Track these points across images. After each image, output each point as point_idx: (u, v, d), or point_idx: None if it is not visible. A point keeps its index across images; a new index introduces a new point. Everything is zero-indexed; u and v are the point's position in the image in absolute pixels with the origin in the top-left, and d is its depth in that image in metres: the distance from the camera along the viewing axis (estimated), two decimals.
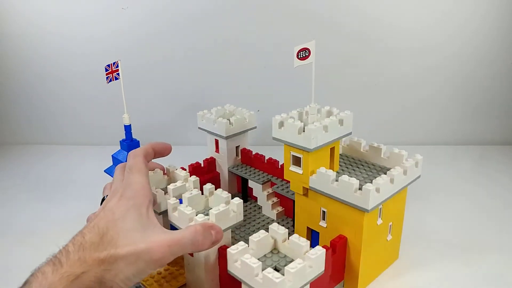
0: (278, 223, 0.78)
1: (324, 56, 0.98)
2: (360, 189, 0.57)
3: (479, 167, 1.08)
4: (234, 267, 0.53)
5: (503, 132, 1.21)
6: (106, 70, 0.71)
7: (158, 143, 0.61)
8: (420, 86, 1.17)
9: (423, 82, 1.16)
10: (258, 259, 0.55)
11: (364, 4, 1.10)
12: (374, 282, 0.66)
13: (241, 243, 0.54)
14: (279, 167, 0.82)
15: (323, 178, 0.60)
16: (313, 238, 0.68)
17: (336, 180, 0.60)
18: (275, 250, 0.58)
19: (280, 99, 1.17)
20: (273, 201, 0.82)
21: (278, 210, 0.81)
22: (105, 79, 0.71)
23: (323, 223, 0.65)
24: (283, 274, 0.49)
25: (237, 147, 0.88)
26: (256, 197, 0.85)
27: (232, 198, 0.60)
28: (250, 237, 0.55)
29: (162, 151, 0.62)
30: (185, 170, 0.85)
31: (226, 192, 0.60)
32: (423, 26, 1.11)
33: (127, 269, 0.45)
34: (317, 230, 0.66)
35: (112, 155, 0.76)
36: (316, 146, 0.59)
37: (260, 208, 0.84)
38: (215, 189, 0.62)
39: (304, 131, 0.59)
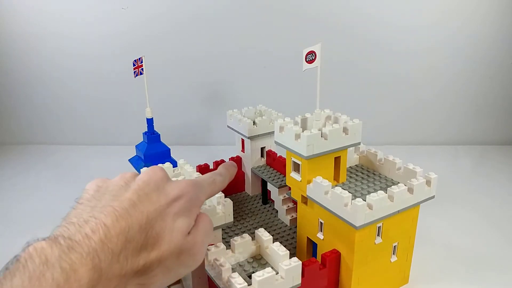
0: (290, 229, 0.78)
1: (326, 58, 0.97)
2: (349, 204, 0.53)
3: (479, 167, 1.09)
4: (209, 267, 0.53)
5: (503, 132, 1.23)
6: (134, 65, 0.75)
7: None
8: (421, 86, 1.18)
9: (424, 82, 1.17)
10: (239, 263, 0.55)
11: (365, 6, 1.11)
12: None
13: (220, 244, 0.54)
14: None
15: (319, 188, 0.58)
16: (314, 249, 0.66)
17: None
18: (258, 256, 0.57)
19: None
20: (288, 206, 0.80)
21: (292, 216, 0.79)
22: (133, 73, 0.75)
23: (320, 235, 0.62)
24: None
25: (262, 148, 0.88)
26: (274, 200, 0.84)
27: (253, 199, 0.59)
28: (231, 240, 0.55)
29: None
30: (208, 166, 0.88)
31: (220, 192, 0.60)
32: (424, 27, 1.12)
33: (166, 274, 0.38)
34: (315, 242, 0.63)
35: (135, 146, 0.80)
36: (313, 153, 0.57)
37: (277, 212, 0.83)
38: (239, 191, 0.62)
39: (300, 138, 0.57)
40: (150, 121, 0.77)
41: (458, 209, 0.88)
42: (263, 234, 0.56)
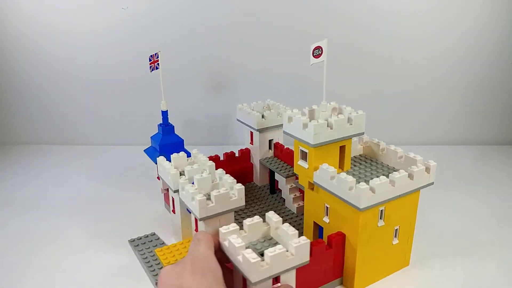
0: (296, 216, 0.82)
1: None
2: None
3: (479, 167, 1.09)
4: (224, 246, 0.57)
5: (503, 132, 1.23)
6: (150, 60, 0.79)
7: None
8: (421, 86, 1.18)
9: (424, 82, 1.17)
10: (251, 242, 0.59)
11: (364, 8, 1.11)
12: (374, 285, 0.66)
13: (233, 224, 0.58)
14: None
15: (325, 174, 0.62)
16: (320, 233, 0.70)
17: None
18: (269, 236, 0.61)
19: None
20: (295, 195, 0.84)
21: (299, 204, 0.83)
22: (149, 68, 0.79)
23: (326, 219, 0.66)
24: None
25: (270, 141, 0.92)
26: (281, 190, 0.88)
27: (261, 189, 0.63)
28: (244, 221, 0.59)
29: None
30: (219, 157, 0.92)
31: (232, 178, 0.65)
32: (424, 28, 1.12)
33: None
34: (321, 225, 0.68)
35: (151, 137, 0.84)
36: (319, 142, 0.61)
37: (284, 200, 0.87)
38: (248, 181, 0.66)
39: (307, 127, 0.61)
40: (165, 113, 0.82)
41: (458, 209, 0.88)
42: (273, 216, 0.60)
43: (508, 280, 0.67)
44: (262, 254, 0.55)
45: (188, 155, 0.82)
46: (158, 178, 0.84)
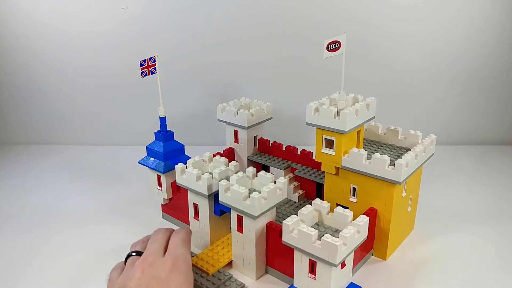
0: (300, 204, 0.86)
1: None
2: (393, 164, 0.65)
3: (479, 167, 1.09)
4: (290, 237, 0.59)
5: (503, 132, 1.22)
6: (142, 65, 0.74)
7: None
8: (421, 86, 1.17)
9: (423, 82, 1.17)
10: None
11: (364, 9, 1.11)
12: (396, 251, 0.74)
13: (294, 216, 0.60)
14: (298, 153, 0.89)
15: (356, 157, 0.67)
16: None
17: (368, 158, 0.67)
18: (320, 222, 0.64)
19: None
20: (294, 185, 0.88)
21: (299, 193, 0.88)
22: (140, 73, 0.75)
23: (353, 199, 0.72)
24: None
25: (255, 137, 0.94)
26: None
27: None
28: (299, 211, 0.62)
29: None
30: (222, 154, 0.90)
31: (270, 174, 0.66)
32: (424, 25, 1.11)
33: None
34: (346, 206, 0.73)
35: (146, 147, 0.79)
36: (350, 128, 0.67)
37: None
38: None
39: (338, 115, 0.66)
40: (163, 120, 0.78)
41: (458, 209, 0.88)
42: (322, 203, 0.64)
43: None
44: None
45: (187, 158, 0.80)
46: (160, 187, 0.80)
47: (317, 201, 0.64)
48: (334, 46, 0.68)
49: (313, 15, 1.12)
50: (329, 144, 0.70)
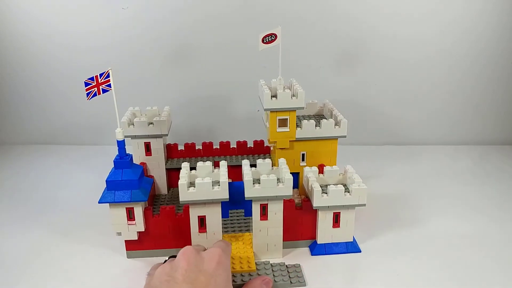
0: None
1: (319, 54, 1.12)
2: (337, 124, 0.83)
3: (479, 167, 1.09)
4: (322, 200, 0.70)
5: (503, 132, 1.23)
6: (87, 84, 0.61)
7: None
8: (420, 86, 1.18)
9: (423, 82, 1.18)
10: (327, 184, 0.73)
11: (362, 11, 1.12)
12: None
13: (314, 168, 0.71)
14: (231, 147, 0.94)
15: (308, 128, 0.82)
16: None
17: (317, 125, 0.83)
18: (343, 182, 0.76)
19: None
20: None
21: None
22: (85, 95, 0.62)
23: (303, 163, 0.87)
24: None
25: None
26: None
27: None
28: (324, 168, 0.73)
29: None
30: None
31: (268, 159, 0.72)
32: (424, 27, 1.12)
33: None
34: (297, 171, 0.87)
35: (107, 180, 0.66)
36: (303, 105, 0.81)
37: None
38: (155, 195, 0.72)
39: (295, 96, 0.79)
40: (121, 144, 0.66)
41: (458, 209, 0.89)
42: (349, 168, 0.75)
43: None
44: None
45: (150, 180, 0.73)
46: (133, 221, 0.70)
47: (348, 167, 0.75)
48: (270, 38, 0.79)
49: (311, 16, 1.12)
50: (283, 123, 0.82)
